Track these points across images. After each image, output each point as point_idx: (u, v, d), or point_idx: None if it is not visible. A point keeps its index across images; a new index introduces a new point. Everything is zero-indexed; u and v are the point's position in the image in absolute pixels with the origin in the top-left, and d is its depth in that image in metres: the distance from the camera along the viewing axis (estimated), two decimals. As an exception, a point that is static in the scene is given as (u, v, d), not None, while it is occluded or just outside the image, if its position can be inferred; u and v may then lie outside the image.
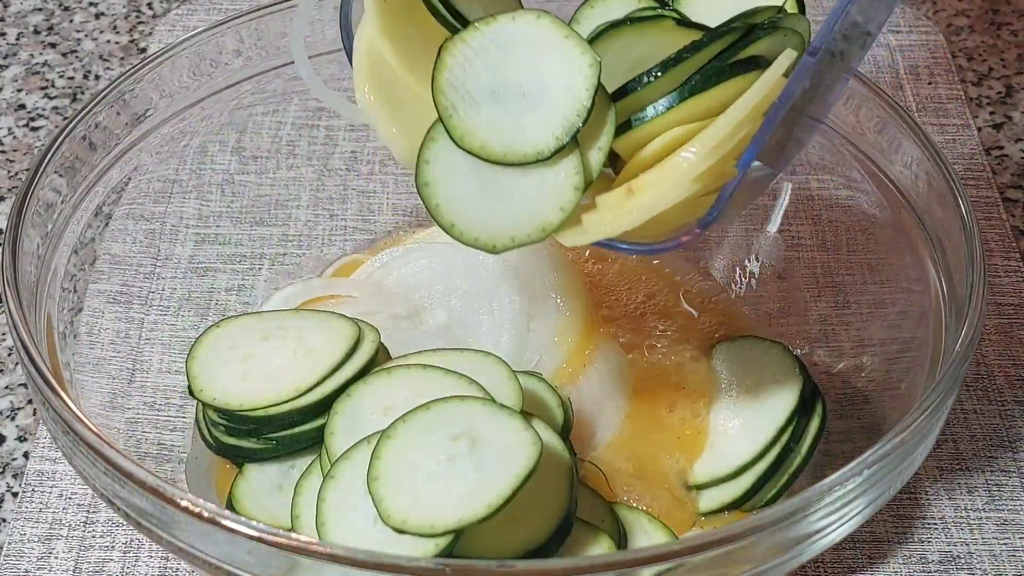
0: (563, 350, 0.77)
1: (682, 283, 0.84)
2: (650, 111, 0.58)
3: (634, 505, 0.70)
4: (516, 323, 0.77)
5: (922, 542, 0.74)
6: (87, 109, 0.73)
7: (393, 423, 0.62)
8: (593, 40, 0.59)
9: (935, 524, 0.75)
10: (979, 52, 1.07)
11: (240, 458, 0.68)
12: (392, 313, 0.78)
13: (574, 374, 0.76)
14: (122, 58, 1.06)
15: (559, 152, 0.57)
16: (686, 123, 0.57)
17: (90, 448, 0.58)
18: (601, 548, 0.63)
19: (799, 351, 0.78)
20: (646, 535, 0.66)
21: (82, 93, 1.03)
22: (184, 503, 0.55)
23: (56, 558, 0.72)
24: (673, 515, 0.70)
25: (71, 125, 0.72)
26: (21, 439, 0.80)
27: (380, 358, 0.70)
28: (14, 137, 0.99)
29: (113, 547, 0.73)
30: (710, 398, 0.76)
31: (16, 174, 0.96)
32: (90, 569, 0.72)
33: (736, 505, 0.71)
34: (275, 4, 0.80)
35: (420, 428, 0.62)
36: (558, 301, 0.78)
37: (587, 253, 0.85)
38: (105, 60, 1.06)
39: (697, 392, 0.76)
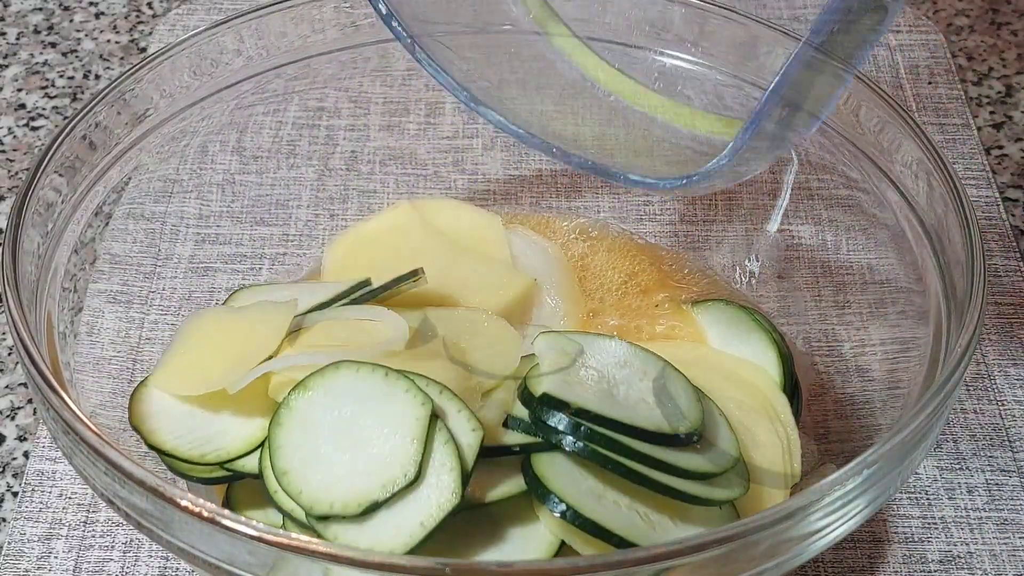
0: None
1: (664, 259, 0.84)
2: None
3: None
4: None
5: (922, 542, 0.74)
6: (87, 109, 0.73)
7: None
8: None
9: (935, 524, 0.75)
10: (979, 52, 1.07)
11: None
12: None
13: None
14: (122, 58, 1.07)
15: None
16: None
17: (90, 448, 0.58)
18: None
19: (799, 350, 0.78)
20: None
21: (82, 93, 1.03)
22: (184, 503, 0.55)
23: (56, 558, 0.72)
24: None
25: (71, 125, 0.72)
26: (21, 439, 0.80)
27: None
28: (14, 137, 0.99)
29: (113, 547, 0.73)
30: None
31: (16, 174, 0.96)
32: (90, 569, 0.72)
33: None
34: (275, 4, 0.80)
35: None
36: (555, 306, 0.78)
37: (576, 231, 0.85)
38: (105, 60, 1.06)
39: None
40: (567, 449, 0.61)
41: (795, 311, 0.82)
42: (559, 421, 0.61)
